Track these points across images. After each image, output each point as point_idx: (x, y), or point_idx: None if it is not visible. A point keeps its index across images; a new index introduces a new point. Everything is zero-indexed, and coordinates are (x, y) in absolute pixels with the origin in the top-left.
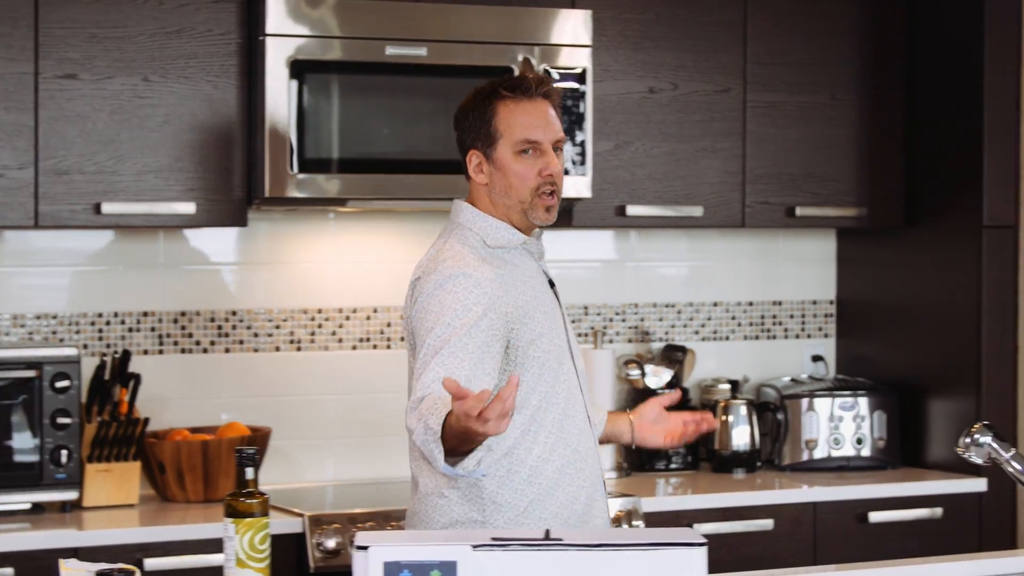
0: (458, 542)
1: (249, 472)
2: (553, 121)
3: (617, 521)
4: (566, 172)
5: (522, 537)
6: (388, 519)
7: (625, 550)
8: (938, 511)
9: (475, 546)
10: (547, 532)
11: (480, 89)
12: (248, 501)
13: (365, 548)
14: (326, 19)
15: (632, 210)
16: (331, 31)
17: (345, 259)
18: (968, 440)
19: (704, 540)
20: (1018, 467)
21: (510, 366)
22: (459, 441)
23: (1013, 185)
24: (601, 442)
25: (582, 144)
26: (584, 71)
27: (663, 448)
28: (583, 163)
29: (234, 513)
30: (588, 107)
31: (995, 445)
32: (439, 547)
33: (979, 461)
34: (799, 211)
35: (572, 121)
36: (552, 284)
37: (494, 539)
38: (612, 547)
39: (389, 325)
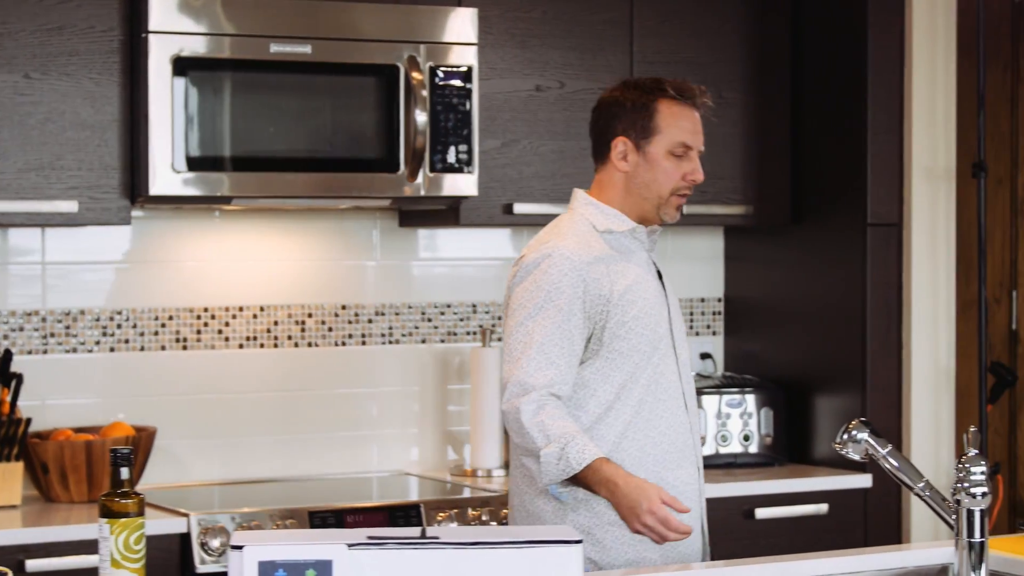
0: (333, 541)
1: (124, 472)
2: (702, 130)
3: (503, 519)
4: None
5: (398, 536)
6: (275, 518)
7: (501, 548)
8: (824, 507)
9: (351, 545)
10: (423, 530)
11: (639, 82)
12: (123, 501)
13: (240, 548)
14: (210, 16)
15: (519, 208)
16: (215, 28)
17: (231, 258)
18: (846, 436)
19: (579, 538)
20: (894, 463)
21: (597, 344)
22: (587, 484)
23: (897, 183)
24: None
25: (468, 142)
26: (470, 69)
27: None
28: (469, 161)
29: (109, 513)
30: (474, 105)
31: (872, 441)
32: (314, 546)
33: (856, 457)
34: (686, 209)
35: (458, 119)
36: (660, 275)
37: (370, 538)
38: (488, 545)
39: (276, 324)
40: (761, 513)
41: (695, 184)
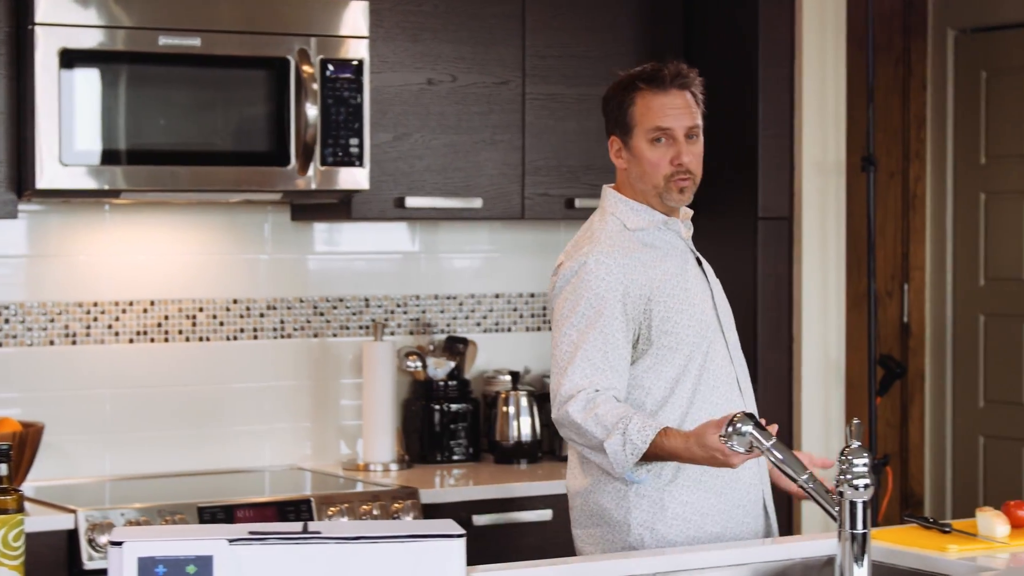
0: (214, 536)
1: (2, 468)
2: (686, 110)
3: (394, 513)
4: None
5: (279, 531)
6: (164, 514)
7: (383, 542)
8: None
9: (231, 540)
10: (305, 525)
11: (620, 79)
12: (2, 498)
13: (119, 544)
14: (98, 8)
15: (411, 202)
16: (103, 20)
17: (121, 251)
18: (730, 429)
19: (462, 532)
20: (778, 455)
21: (646, 344)
22: (659, 458)
23: (787, 177)
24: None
25: (359, 136)
26: (361, 63)
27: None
28: (360, 155)
29: None
30: (366, 99)
31: (756, 434)
32: (194, 542)
33: (741, 450)
34: (579, 203)
35: (349, 113)
36: (700, 262)
37: (251, 533)
38: (370, 540)
39: (167, 318)
40: None
41: (684, 166)
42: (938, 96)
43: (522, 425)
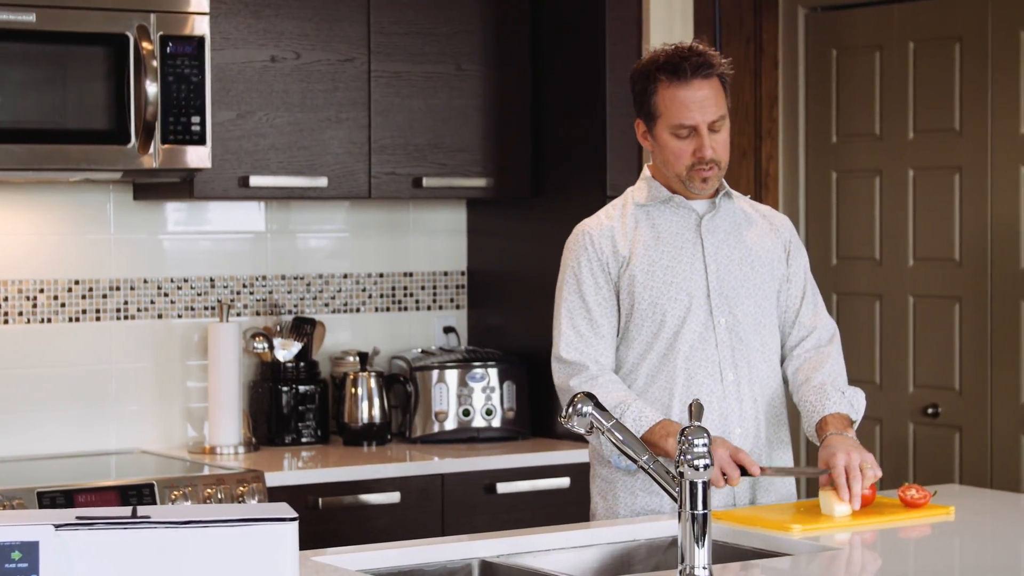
0: (40, 522)
1: None
2: (709, 102)
3: (239, 497)
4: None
5: (107, 516)
6: (1, 499)
7: (213, 527)
8: (566, 481)
9: (58, 526)
10: (134, 509)
11: (642, 65)
12: None
13: None
14: None
15: (255, 181)
16: None
17: None
18: (571, 410)
19: (295, 515)
20: (618, 436)
21: (624, 313)
22: (657, 451)
23: (636, 155)
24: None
25: (201, 114)
26: (202, 39)
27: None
28: (202, 133)
29: None
30: (207, 76)
31: (596, 414)
32: (20, 527)
33: (582, 431)
34: (426, 182)
35: (190, 90)
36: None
37: (79, 518)
38: (200, 524)
39: (6, 299)
40: (503, 487)
41: (707, 160)
42: (790, 75)
43: (371, 407)
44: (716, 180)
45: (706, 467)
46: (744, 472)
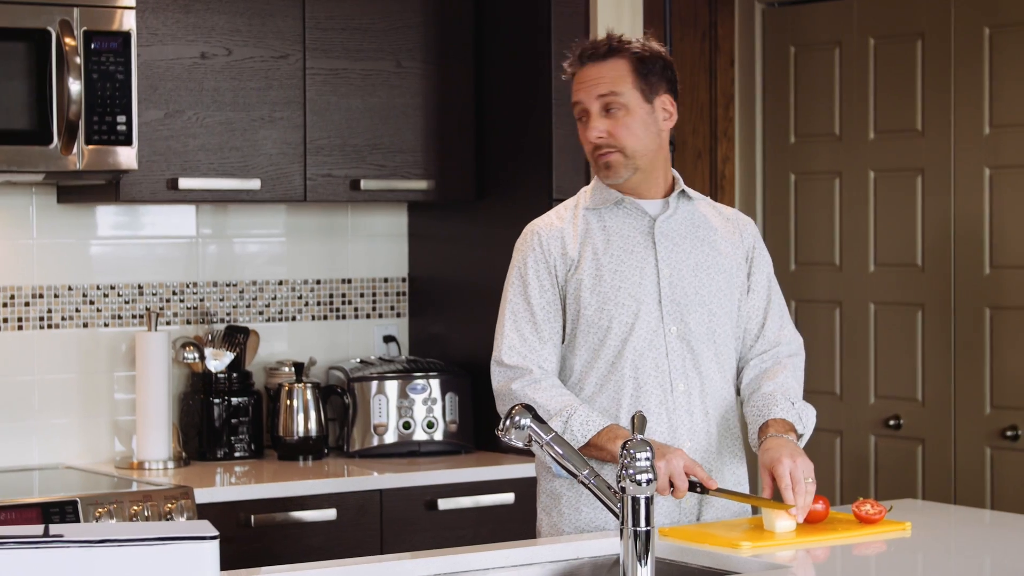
0: None
1: None
2: (601, 81)
3: (167, 514)
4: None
5: (18, 535)
6: None
7: (131, 546)
8: (510, 496)
9: None
10: (47, 528)
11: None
12: None
13: None
14: None
15: (185, 183)
16: None
17: None
18: (508, 422)
19: (215, 533)
20: (558, 450)
21: (570, 319)
22: (604, 458)
23: (583, 157)
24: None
25: (127, 113)
26: (129, 34)
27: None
28: (129, 133)
29: None
30: (134, 73)
31: (535, 427)
32: None
33: (520, 444)
34: (365, 184)
35: (116, 88)
36: (655, 245)
37: None
38: (115, 543)
39: None
40: (444, 504)
41: (595, 143)
42: (746, 73)
43: (307, 420)
44: (623, 168)
45: (649, 482)
46: (694, 488)
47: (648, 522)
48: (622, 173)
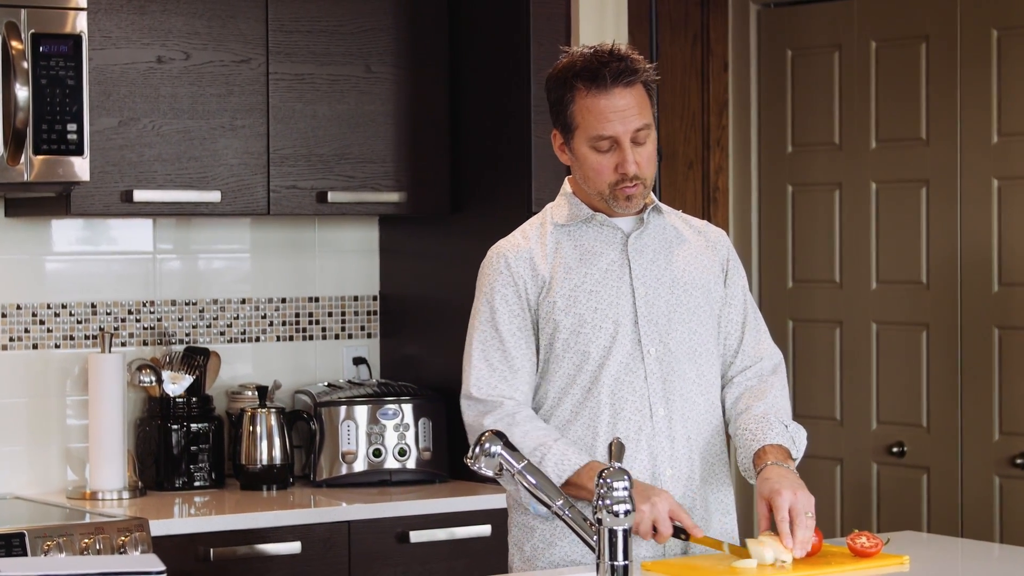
0: None
1: None
2: (632, 111)
3: (120, 547)
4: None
5: None
6: None
7: None
8: (487, 528)
9: None
10: None
11: (558, 71)
12: None
13: None
14: None
15: (140, 195)
16: None
17: None
18: (478, 450)
19: (162, 568)
20: (530, 479)
21: (545, 345)
22: (572, 492)
23: (563, 168)
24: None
25: (79, 121)
26: (80, 37)
27: None
28: (80, 143)
29: None
30: (85, 79)
31: (506, 455)
32: None
33: (490, 473)
34: (332, 196)
35: (66, 95)
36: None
37: None
38: None
39: None
40: (416, 536)
41: (629, 175)
42: (740, 78)
43: (271, 447)
44: (641, 198)
45: (627, 513)
46: (678, 534)
47: (626, 556)
48: (639, 204)
